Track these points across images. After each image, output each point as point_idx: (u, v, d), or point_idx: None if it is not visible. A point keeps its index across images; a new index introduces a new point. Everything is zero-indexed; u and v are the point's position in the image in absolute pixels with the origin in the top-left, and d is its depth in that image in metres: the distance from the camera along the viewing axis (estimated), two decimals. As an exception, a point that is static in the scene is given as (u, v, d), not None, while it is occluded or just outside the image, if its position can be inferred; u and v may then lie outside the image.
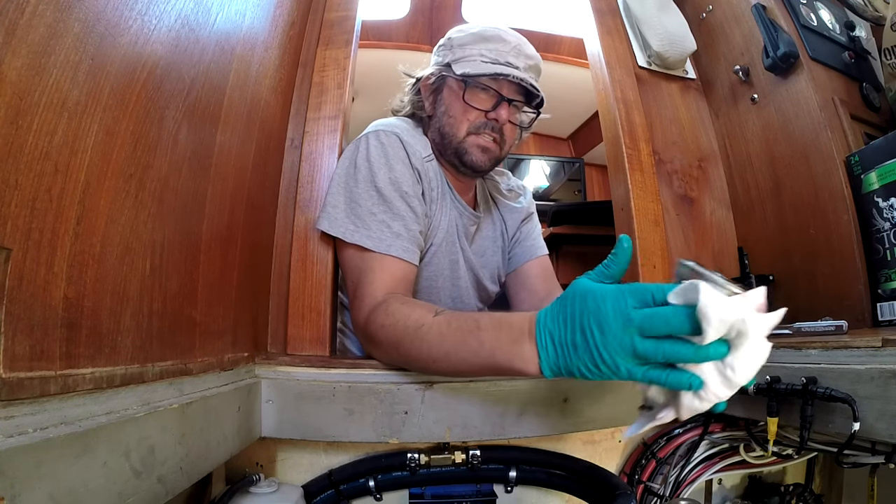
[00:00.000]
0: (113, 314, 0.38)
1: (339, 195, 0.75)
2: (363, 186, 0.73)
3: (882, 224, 0.74)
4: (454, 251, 0.88)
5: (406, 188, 0.75)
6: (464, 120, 0.82)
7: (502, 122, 0.81)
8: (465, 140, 0.82)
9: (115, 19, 0.37)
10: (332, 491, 0.70)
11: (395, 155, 0.76)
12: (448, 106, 0.84)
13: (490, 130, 0.82)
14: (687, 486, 0.76)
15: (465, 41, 0.82)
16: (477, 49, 0.80)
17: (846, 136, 0.84)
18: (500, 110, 0.80)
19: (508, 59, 0.79)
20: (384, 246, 0.70)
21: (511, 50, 0.80)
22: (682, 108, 1.11)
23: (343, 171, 0.77)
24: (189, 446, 0.45)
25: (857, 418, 0.53)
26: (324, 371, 0.66)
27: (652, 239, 0.95)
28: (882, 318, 0.74)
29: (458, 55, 0.82)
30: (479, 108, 0.81)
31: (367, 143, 0.77)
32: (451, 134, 0.83)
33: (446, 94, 0.84)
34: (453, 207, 0.88)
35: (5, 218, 0.28)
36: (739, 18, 1.03)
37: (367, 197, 0.73)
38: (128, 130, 0.40)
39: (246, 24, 0.65)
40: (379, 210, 0.72)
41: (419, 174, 0.79)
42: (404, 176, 0.76)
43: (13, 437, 0.27)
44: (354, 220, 0.72)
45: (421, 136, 0.86)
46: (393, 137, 0.78)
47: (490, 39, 0.81)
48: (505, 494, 0.74)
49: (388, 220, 0.72)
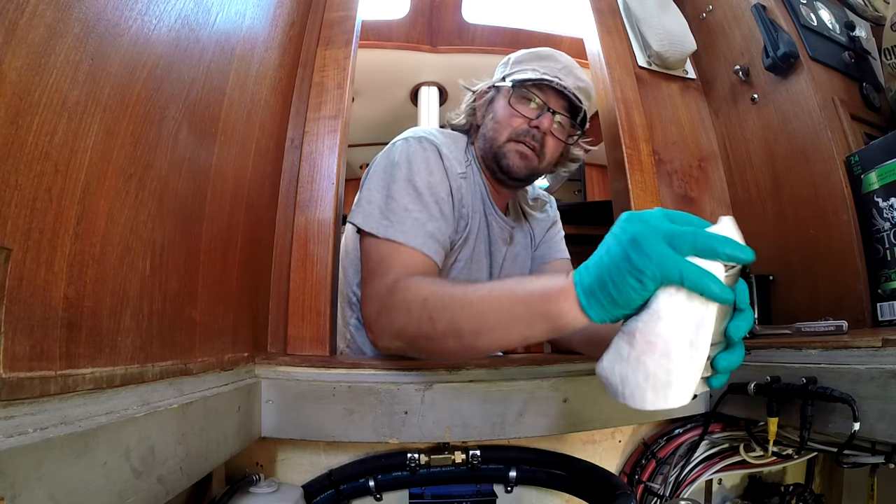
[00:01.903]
0: (113, 314, 0.38)
1: (377, 191, 0.75)
2: (401, 183, 0.74)
3: (882, 224, 0.74)
4: (479, 268, 0.89)
5: (443, 194, 0.77)
6: (507, 125, 0.85)
7: (544, 129, 0.83)
8: (505, 144, 0.85)
9: (115, 19, 0.37)
10: (332, 491, 0.70)
11: (435, 162, 0.79)
12: (496, 112, 0.87)
13: (531, 139, 0.84)
14: (687, 486, 0.76)
15: (522, 58, 0.88)
16: (531, 64, 0.86)
17: (846, 136, 0.84)
18: (542, 119, 0.83)
19: (558, 75, 0.83)
20: (418, 242, 0.70)
21: (562, 68, 0.84)
22: (682, 108, 1.11)
23: (381, 168, 0.78)
24: (189, 446, 0.45)
25: (857, 418, 0.53)
26: (324, 371, 0.66)
27: (652, 239, 0.94)
28: (882, 318, 0.74)
29: (513, 69, 0.88)
30: (524, 114, 0.84)
31: (407, 145, 0.79)
32: (493, 138, 0.86)
33: (497, 103, 0.88)
34: (492, 220, 0.90)
35: (5, 218, 0.28)
36: (739, 18, 1.03)
37: (405, 194, 0.73)
38: (128, 130, 0.40)
39: (246, 24, 0.65)
40: (415, 208, 0.73)
41: (452, 190, 0.80)
42: (443, 183, 0.77)
43: (13, 437, 0.27)
44: (389, 216, 0.72)
45: (459, 152, 0.87)
46: (433, 147, 0.80)
47: (545, 58, 0.86)
48: (505, 494, 0.74)
49: (423, 220, 0.72)
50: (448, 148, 0.83)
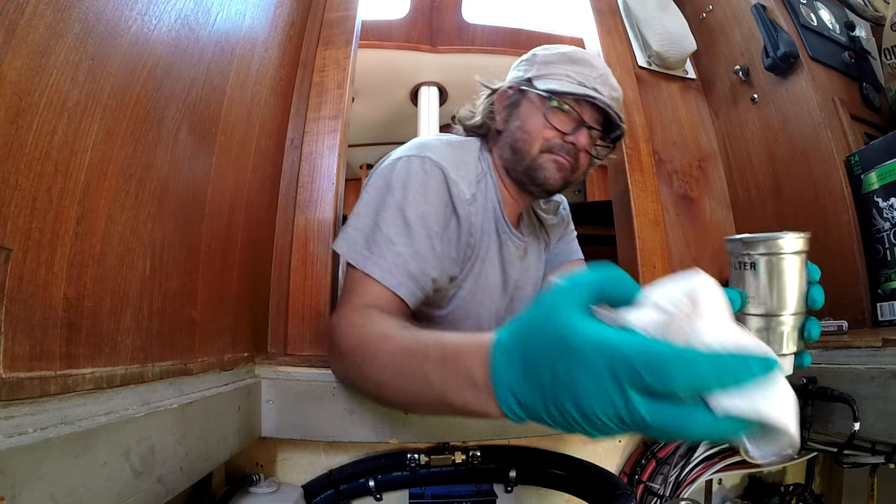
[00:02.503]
0: (113, 314, 0.38)
1: (365, 216, 0.68)
2: (391, 211, 0.66)
3: (882, 224, 0.74)
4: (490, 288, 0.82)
5: (436, 228, 0.68)
6: (539, 137, 0.76)
7: (581, 147, 0.76)
8: (539, 156, 0.77)
9: (115, 19, 0.37)
10: (332, 491, 0.70)
11: (435, 190, 0.70)
12: (524, 121, 0.78)
13: (566, 153, 0.76)
14: (687, 486, 0.76)
15: (552, 59, 0.78)
16: (563, 69, 0.76)
17: (846, 136, 0.84)
18: (579, 135, 0.76)
19: (595, 85, 0.75)
20: (393, 282, 0.63)
21: (598, 77, 0.76)
22: (682, 108, 1.11)
23: (374, 191, 0.69)
24: (189, 446, 0.45)
25: (857, 418, 0.53)
26: (324, 371, 0.66)
27: (652, 239, 0.95)
28: (882, 318, 0.74)
29: (542, 71, 0.78)
30: (559, 128, 0.76)
31: (407, 166, 0.70)
32: (524, 150, 0.77)
33: (524, 108, 0.79)
34: (506, 237, 0.82)
35: (5, 218, 0.28)
36: (739, 18, 1.03)
37: (393, 224, 0.66)
38: (128, 130, 0.40)
39: (246, 24, 0.65)
40: (400, 241, 0.65)
41: (458, 220, 0.72)
42: (438, 215, 0.69)
43: (13, 437, 0.27)
44: (371, 246, 0.65)
45: (469, 168, 0.78)
46: (437, 171, 0.71)
47: (578, 62, 0.77)
48: (505, 494, 0.74)
49: (406, 256, 0.65)
50: (456, 167, 0.74)
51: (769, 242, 0.42)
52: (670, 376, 0.26)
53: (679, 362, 0.26)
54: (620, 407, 0.27)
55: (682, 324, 0.28)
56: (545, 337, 0.30)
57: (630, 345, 0.27)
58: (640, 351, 0.27)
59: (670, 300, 0.29)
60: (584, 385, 0.28)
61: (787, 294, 0.42)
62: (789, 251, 0.41)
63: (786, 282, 0.42)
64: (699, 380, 0.26)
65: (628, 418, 0.27)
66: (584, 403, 0.28)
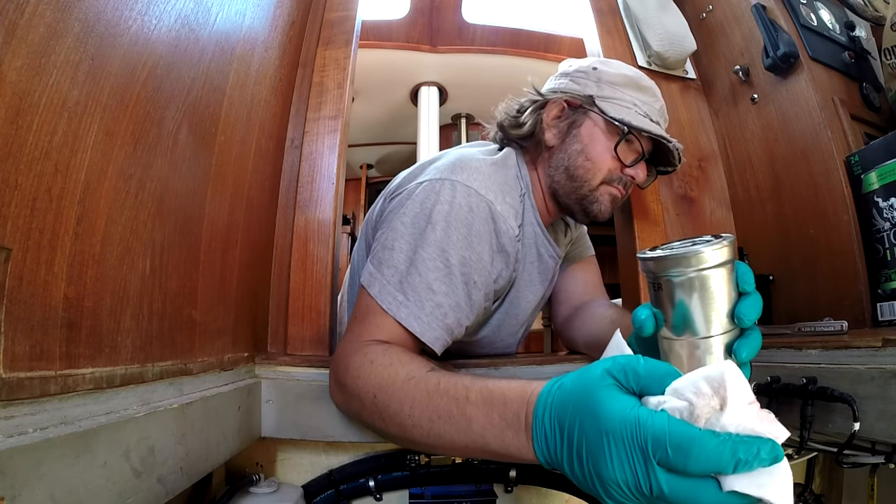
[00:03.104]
0: (113, 314, 0.38)
1: (400, 251, 0.60)
2: (431, 250, 0.59)
3: (882, 224, 0.74)
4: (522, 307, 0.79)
5: (476, 278, 0.62)
6: (604, 168, 0.73)
7: (639, 182, 0.74)
8: (598, 188, 0.73)
9: (115, 19, 0.37)
10: (332, 491, 0.70)
11: (480, 232, 0.63)
12: (587, 146, 0.73)
13: (623, 186, 0.74)
14: (687, 486, 0.76)
15: (617, 81, 0.74)
16: (630, 95, 0.73)
17: (846, 136, 0.84)
18: (639, 169, 0.74)
19: (658, 119, 0.74)
20: (429, 337, 0.58)
21: (660, 109, 0.75)
22: (682, 108, 1.11)
23: (412, 218, 0.62)
24: (189, 446, 0.45)
25: (857, 418, 0.53)
26: (324, 371, 0.66)
27: (652, 239, 0.95)
28: (882, 318, 0.74)
29: (606, 93, 0.73)
30: (624, 162, 0.73)
31: (451, 198, 0.62)
32: (585, 179, 0.73)
33: (586, 131, 0.74)
34: (547, 256, 0.79)
35: (5, 218, 0.28)
36: (739, 18, 1.03)
37: (433, 267, 0.59)
38: (128, 130, 0.40)
39: (246, 24, 0.65)
40: (441, 289, 0.59)
41: (506, 257, 0.67)
42: (481, 262, 0.63)
43: (13, 437, 0.27)
44: (406, 290, 0.58)
45: (514, 194, 0.71)
46: (484, 207, 0.64)
47: (644, 90, 0.74)
48: (505, 494, 0.74)
49: (445, 308, 0.59)
50: (503, 194, 0.68)
51: (679, 259, 0.36)
52: (693, 457, 0.29)
53: (702, 445, 0.29)
54: (642, 477, 0.31)
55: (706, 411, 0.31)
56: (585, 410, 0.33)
57: (661, 424, 0.30)
58: (669, 431, 0.30)
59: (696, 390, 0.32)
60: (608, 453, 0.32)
61: (703, 316, 0.37)
62: (707, 266, 0.36)
63: (706, 301, 0.36)
64: (717, 463, 0.29)
65: (646, 488, 0.31)
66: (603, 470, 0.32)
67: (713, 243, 0.36)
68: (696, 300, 0.37)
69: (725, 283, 0.37)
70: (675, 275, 0.37)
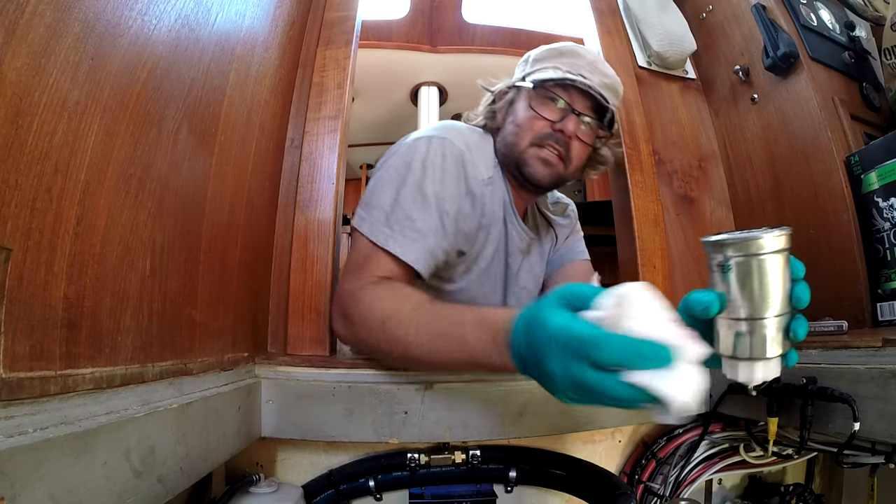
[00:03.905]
0: (113, 314, 0.38)
1: (386, 193, 0.70)
2: (411, 188, 0.70)
3: (882, 224, 0.74)
4: (495, 278, 0.85)
5: (448, 207, 0.71)
6: (528, 129, 0.79)
7: (569, 133, 0.77)
8: (526, 150, 0.79)
9: (115, 19, 0.37)
10: (332, 491, 0.70)
11: (452, 172, 0.73)
12: (515, 116, 0.81)
13: (555, 143, 0.78)
14: (687, 486, 0.76)
15: (542, 56, 0.82)
16: (552, 62, 0.79)
17: (846, 136, 0.84)
18: (566, 122, 0.77)
19: (582, 73, 0.77)
20: (413, 258, 0.67)
21: (586, 65, 0.78)
22: (682, 108, 1.11)
23: (394, 168, 0.72)
24: (189, 446, 0.45)
25: (857, 418, 0.53)
26: (324, 371, 0.67)
27: (652, 239, 0.95)
28: (882, 318, 0.74)
29: (533, 68, 0.81)
30: (547, 117, 0.78)
31: (427, 147, 0.73)
32: (514, 143, 0.80)
33: (517, 105, 0.82)
34: (512, 229, 0.85)
35: (5, 218, 0.28)
36: (739, 18, 1.03)
37: (412, 200, 0.69)
38: (128, 130, 0.40)
39: (246, 24, 0.65)
40: (420, 217, 0.69)
41: (473, 199, 0.75)
42: (453, 198, 0.72)
43: (13, 437, 0.27)
44: (392, 223, 0.68)
45: (489, 153, 0.83)
46: (457, 151, 0.74)
47: (566, 54, 0.80)
48: (505, 494, 0.74)
49: (425, 231, 0.69)
50: (476, 149, 0.78)
51: (743, 244, 0.40)
52: (603, 351, 0.36)
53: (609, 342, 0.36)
54: (572, 369, 0.38)
55: (614, 319, 0.37)
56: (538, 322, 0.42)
57: (581, 327, 0.38)
58: (587, 333, 0.38)
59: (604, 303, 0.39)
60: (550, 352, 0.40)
61: (767, 296, 0.40)
62: (768, 251, 0.39)
63: (765, 284, 0.40)
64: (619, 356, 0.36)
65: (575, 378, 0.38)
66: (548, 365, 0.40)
67: (776, 231, 0.40)
68: (762, 281, 0.40)
69: (783, 270, 0.40)
70: (746, 256, 0.40)
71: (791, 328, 0.41)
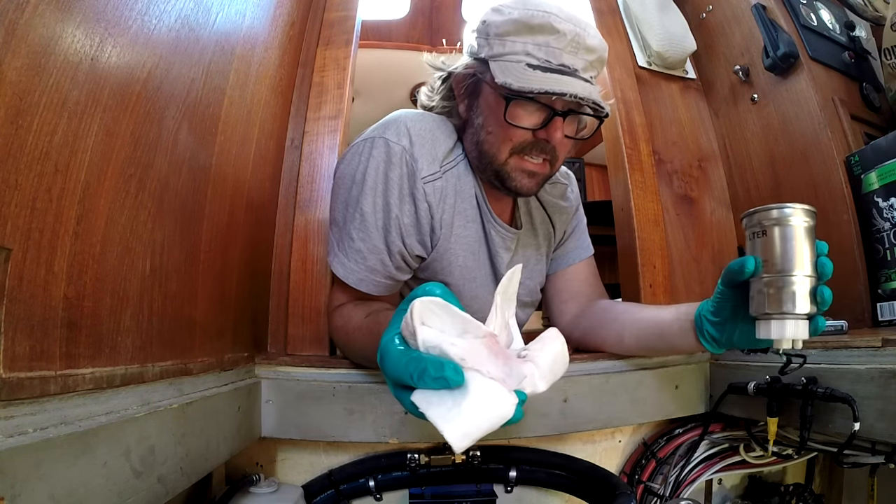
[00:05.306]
0: (113, 314, 0.38)
1: (337, 211, 0.70)
2: (352, 208, 0.67)
3: (882, 224, 0.74)
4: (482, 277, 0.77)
5: (391, 219, 0.66)
6: (506, 140, 0.65)
7: (555, 142, 0.65)
8: (506, 163, 0.67)
9: (115, 19, 0.37)
10: (332, 491, 0.70)
11: (395, 178, 0.66)
12: (486, 119, 0.67)
13: (539, 151, 0.66)
14: (687, 486, 0.76)
15: (505, 30, 0.63)
16: (522, 43, 0.62)
17: (846, 136, 0.84)
18: (551, 129, 0.64)
19: (563, 60, 0.61)
20: (353, 280, 0.67)
21: (567, 45, 0.61)
22: (682, 108, 1.11)
23: (340, 183, 0.70)
24: (189, 446, 0.45)
25: (857, 418, 0.53)
26: (324, 371, 0.67)
27: (652, 239, 0.95)
28: (882, 318, 0.74)
29: (496, 50, 0.64)
30: (526, 126, 0.64)
31: (369, 154, 0.67)
32: (491, 154, 0.67)
33: (485, 100, 0.68)
34: (490, 227, 0.75)
35: (5, 218, 0.28)
36: (739, 18, 1.03)
37: (352, 220, 0.67)
38: (128, 130, 0.40)
39: (246, 24, 0.65)
40: (358, 236, 0.66)
41: (420, 200, 0.67)
42: (395, 203, 0.66)
43: (13, 437, 0.27)
44: (340, 245, 0.68)
45: (445, 141, 0.71)
46: (399, 152, 0.66)
47: (538, 30, 0.61)
48: (505, 494, 0.74)
49: (364, 252, 0.67)
50: (423, 141, 0.68)
51: (778, 210, 0.48)
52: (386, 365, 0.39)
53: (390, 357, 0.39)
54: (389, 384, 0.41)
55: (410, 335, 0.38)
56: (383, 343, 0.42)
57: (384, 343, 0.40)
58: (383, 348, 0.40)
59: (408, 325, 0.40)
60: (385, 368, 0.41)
61: (797, 255, 0.47)
62: (798, 219, 0.48)
63: (796, 245, 0.47)
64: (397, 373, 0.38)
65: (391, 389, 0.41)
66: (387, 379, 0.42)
67: (804, 206, 0.48)
68: (792, 243, 0.48)
69: (811, 238, 0.48)
70: (775, 220, 0.48)
71: (818, 291, 0.47)
